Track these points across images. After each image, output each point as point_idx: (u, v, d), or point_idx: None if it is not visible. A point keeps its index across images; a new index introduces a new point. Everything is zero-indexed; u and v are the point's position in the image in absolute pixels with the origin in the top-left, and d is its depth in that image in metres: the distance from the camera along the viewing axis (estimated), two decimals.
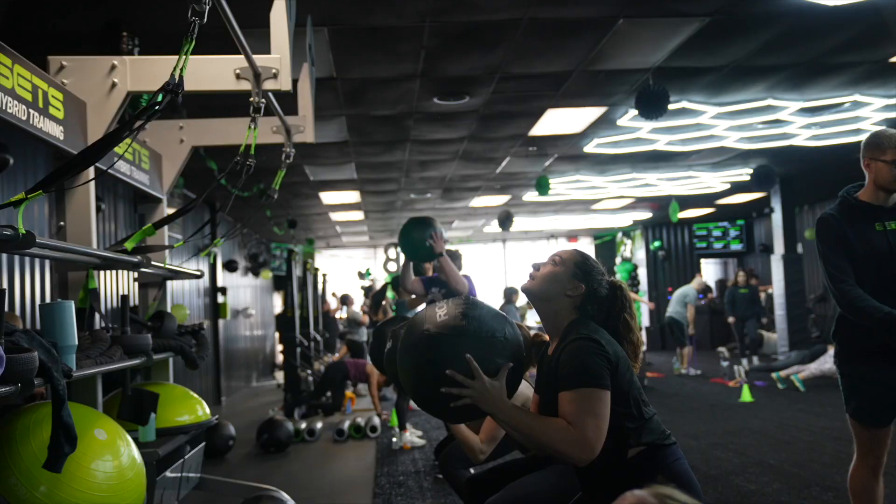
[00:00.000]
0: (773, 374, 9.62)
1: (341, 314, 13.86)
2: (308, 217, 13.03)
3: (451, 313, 2.06)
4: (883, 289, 2.89)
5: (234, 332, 11.50)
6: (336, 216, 13.11)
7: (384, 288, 10.13)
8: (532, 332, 2.58)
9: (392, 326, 3.47)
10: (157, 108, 2.09)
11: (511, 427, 2.03)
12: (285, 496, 4.13)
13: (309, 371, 9.01)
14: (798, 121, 7.49)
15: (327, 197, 10.84)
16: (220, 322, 10.21)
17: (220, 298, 9.77)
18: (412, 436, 6.84)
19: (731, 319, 12.57)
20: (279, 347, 14.72)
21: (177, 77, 2.12)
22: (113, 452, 2.74)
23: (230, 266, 10.21)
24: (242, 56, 3.05)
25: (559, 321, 2.15)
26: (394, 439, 6.81)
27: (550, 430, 1.94)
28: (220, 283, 9.92)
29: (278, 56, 3.18)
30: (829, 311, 13.53)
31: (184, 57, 2.13)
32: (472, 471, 3.67)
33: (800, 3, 4.48)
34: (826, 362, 9.18)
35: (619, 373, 1.99)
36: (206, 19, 2.16)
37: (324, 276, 14.10)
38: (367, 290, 10.89)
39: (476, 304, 2.11)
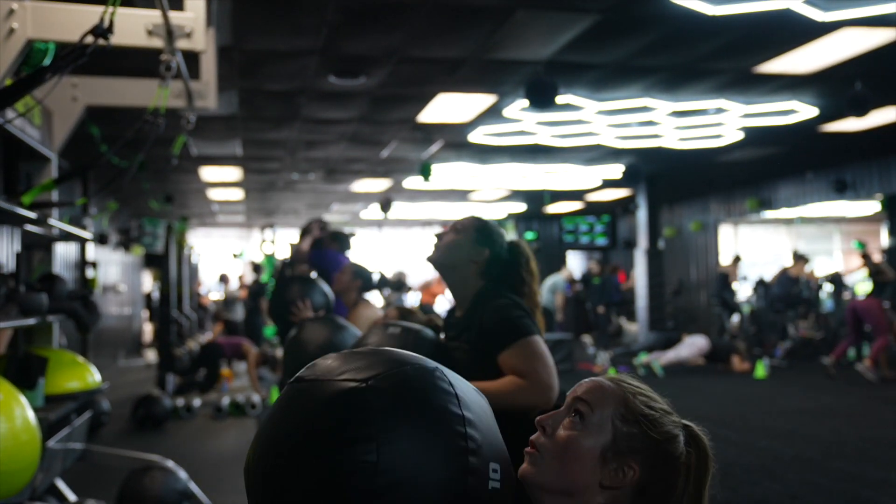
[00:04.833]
0: (634, 360, 10.30)
1: (217, 294, 13.55)
2: (185, 193, 12.62)
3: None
4: None
5: (102, 309, 10.98)
6: (214, 193, 12.76)
7: (262, 287, 10.17)
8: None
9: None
10: (85, 52, 2.05)
11: None
12: (175, 466, 4.09)
13: (184, 348, 8.78)
14: (668, 122, 8.01)
15: (208, 173, 10.54)
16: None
17: (90, 273, 9.30)
18: None
19: (600, 309, 12.35)
20: (148, 326, 14.20)
21: (106, 22, 2.08)
22: (7, 414, 2.65)
23: (102, 239, 9.75)
24: (153, 11, 2.99)
25: (467, 288, 2.22)
26: None
27: (507, 392, 1.99)
28: (90, 257, 9.44)
29: (193, 15, 3.12)
30: (683, 304, 14.42)
31: (112, 5, 2.10)
32: None
33: (682, 8, 4.82)
34: (682, 350, 10.16)
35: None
36: None
37: (199, 254, 13.70)
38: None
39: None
